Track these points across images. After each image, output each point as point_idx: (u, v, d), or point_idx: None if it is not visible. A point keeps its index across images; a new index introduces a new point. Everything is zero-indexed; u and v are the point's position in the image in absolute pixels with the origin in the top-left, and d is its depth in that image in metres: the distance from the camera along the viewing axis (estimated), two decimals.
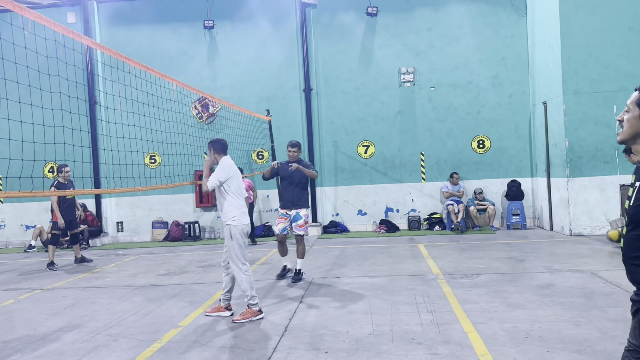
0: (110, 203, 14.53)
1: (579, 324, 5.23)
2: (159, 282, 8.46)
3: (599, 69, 11.26)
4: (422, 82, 13.89)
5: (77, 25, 14.20)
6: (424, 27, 13.85)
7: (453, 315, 5.76)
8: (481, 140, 13.77)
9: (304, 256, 8.08)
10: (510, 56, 13.63)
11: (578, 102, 11.31)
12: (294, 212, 7.93)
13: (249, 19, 14.21)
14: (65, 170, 10.20)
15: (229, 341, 5.25)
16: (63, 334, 5.80)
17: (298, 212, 7.91)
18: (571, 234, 11.35)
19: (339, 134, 14.11)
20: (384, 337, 5.13)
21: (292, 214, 7.94)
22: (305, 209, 8.00)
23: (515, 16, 13.57)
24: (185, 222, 14.11)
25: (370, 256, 9.95)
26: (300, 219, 7.89)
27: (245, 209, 6.25)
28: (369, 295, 6.83)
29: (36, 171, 12.25)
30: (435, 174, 13.92)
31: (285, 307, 6.47)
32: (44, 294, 8.02)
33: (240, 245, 6.03)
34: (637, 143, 2.45)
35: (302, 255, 8.04)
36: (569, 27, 11.28)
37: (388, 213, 14.05)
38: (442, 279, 7.58)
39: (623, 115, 2.47)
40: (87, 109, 13.85)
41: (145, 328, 5.85)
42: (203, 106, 14.28)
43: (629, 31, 11.18)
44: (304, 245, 8.05)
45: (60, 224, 10.24)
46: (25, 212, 14.64)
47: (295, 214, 7.91)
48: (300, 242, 8.00)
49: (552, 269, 7.96)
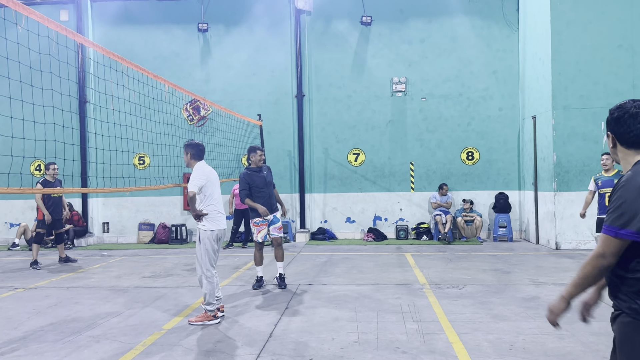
0: (97, 203, 14.40)
1: (563, 337, 5.26)
2: (144, 284, 8.39)
3: (588, 85, 11.40)
4: (413, 92, 13.97)
5: (70, 23, 14.12)
6: (417, 38, 13.95)
7: (438, 325, 5.76)
8: (470, 152, 13.86)
9: (283, 259, 7.97)
10: (501, 70, 13.77)
11: (567, 117, 11.43)
12: (271, 217, 7.78)
13: (244, 23, 14.22)
14: (53, 168, 10.09)
15: (212, 346, 5.21)
16: (45, 333, 5.72)
17: (275, 215, 7.83)
18: (557, 247, 11.43)
19: (330, 141, 14.13)
20: (369, 345, 5.13)
21: (269, 219, 7.80)
22: (279, 212, 7.97)
23: (508, 30, 13.72)
24: (172, 225, 14.02)
25: (357, 264, 9.94)
26: (277, 222, 7.83)
27: (221, 214, 6.18)
28: (355, 303, 6.82)
29: (24, 168, 12.13)
30: (424, 183, 13.98)
31: (270, 313, 6.45)
32: (26, 293, 7.92)
33: (208, 251, 5.98)
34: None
35: (282, 259, 7.93)
36: (560, 43, 11.43)
37: (376, 221, 14.08)
38: (429, 289, 7.59)
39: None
40: (77, 107, 13.77)
41: (128, 330, 5.79)
42: (194, 109, 14.23)
43: (619, 49, 11.35)
44: (282, 248, 7.94)
45: (47, 219, 10.11)
46: (10, 210, 14.47)
47: (273, 217, 7.80)
48: (279, 246, 7.88)
49: (538, 282, 8.01)
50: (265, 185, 7.76)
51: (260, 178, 7.74)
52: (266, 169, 7.92)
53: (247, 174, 7.77)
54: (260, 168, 7.83)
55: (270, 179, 7.89)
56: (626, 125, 2.42)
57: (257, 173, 7.77)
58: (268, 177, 7.84)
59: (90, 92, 13.85)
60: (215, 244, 6.04)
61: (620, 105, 2.50)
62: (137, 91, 8.85)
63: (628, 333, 2.30)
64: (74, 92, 13.62)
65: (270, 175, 7.95)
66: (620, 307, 2.33)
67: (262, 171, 7.81)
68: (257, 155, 7.77)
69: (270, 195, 7.80)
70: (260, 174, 7.78)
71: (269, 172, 7.95)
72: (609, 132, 2.51)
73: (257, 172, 7.79)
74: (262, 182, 7.74)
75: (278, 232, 7.85)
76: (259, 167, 7.82)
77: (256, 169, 7.81)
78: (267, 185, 7.79)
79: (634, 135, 2.41)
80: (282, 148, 14.10)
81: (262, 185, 7.73)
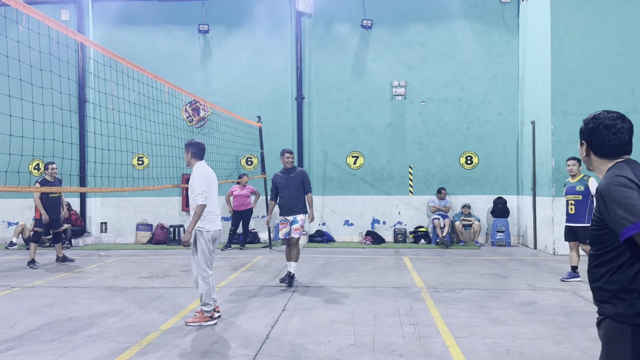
0: (96, 203, 14.39)
1: (560, 342, 5.26)
2: (141, 284, 8.38)
3: (587, 91, 11.43)
4: (413, 96, 13.99)
5: (70, 22, 14.13)
6: (417, 42, 13.98)
7: (435, 328, 5.76)
8: (469, 156, 13.88)
9: (297, 259, 8.29)
10: (500, 74, 13.80)
11: (566, 122, 11.46)
12: (291, 218, 8.18)
13: (244, 25, 14.23)
14: (52, 168, 10.07)
15: (209, 347, 5.21)
16: (41, 333, 5.71)
17: (295, 217, 8.18)
18: (554, 253, 11.44)
19: (329, 143, 14.14)
20: (365, 347, 5.12)
21: (290, 219, 8.19)
22: (302, 214, 8.26)
23: (508, 35, 13.75)
24: (170, 226, 14.01)
25: (355, 267, 9.94)
26: (297, 223, 8.17)
27: (217, 215, 6.19)
28: (352, 306, 6.82)
29: (22, 166, 12.12)
30: (422, 187, 13.98)
31: (267, 314, 6.44)
32: (23, 291, 7.91)
33: (204, 251, 5.99)
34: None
35: (296, 259, 8.25)
36: (560, 49, 11.46)
37: (374, 224, 14.08)
38: (426, 293, 7.59)
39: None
40: (77, 106, 13.77)
41: (125, 330, 5.78)
42: (194, 110, 14.24)
43: (618, 55, 11.38)
44: (298, 248, 8.33)
45: (44, 219, 10.06)
46: (9, 209, 14.44)
47: (293, 218, 8.18)
48: (295, 245, 8.22)
49: (535, 287, 8.01)
50: (287, 187, 8.18)
51: (284, 179, 8.22)
52: (296, 172, 8.29)
53: (275, 175, 8.42)
54: (289, 170, 8.28)
55: (295, 182, 8.21)
56: (600, 137, 2.47)
57: (284, 174, 8.28)
58: (293, 180, 8.20)
59: (90, 91, 13.85)
60: (211, 245, 6.04)
61: (594, 115, 2.54)
62: (137, 91, 8.85)
63: (613, 337, 2.31)
64: (73, 92, 13.62)
65: (299, 179, 8.24)
66: (605, 312, 2.34)
67: (290, 173, 8.25)
68: (284, 157, 8.32)
69: (291, 197, 8.18)
70: (286, 176, 8.24)
71: (299, 175, 8.27)
72: (584, 141, 2.55)
73: (285, 173, 8.28)
74: (284, 183, 8.19)
75: (294, 233, 8.16)
76: (288, 168, 8.29)
77: (285, 171, 8.30)
78: (290, 187, 8.18)
79: (607, 146, 2.46)
80: (281, 150, 14.05)
81: (284, 187, 8.19)
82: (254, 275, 9.04)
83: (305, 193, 8.29)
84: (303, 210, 8.26)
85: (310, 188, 8.39)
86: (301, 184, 8.23)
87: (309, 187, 8.32)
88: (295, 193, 8.18)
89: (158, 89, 9.19)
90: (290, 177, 8.21)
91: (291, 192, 8.16)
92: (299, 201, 8.21)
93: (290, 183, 8.17)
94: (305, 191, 8.28)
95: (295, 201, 8.18)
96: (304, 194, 8.28)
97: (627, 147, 2.47)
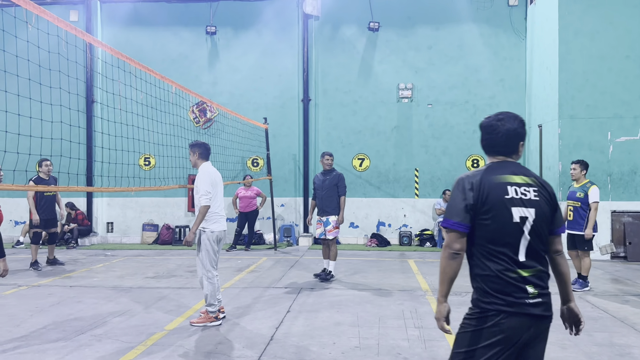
0: (102, 203, 14.45)
1: (565, 347, 5.23)
2: (147, 284, 8.41)
3: (595, 95, 11.38)
4: (419, 98, 13.97)
5: (79, 23, 14.22)
6: (425, 44, 13.96)
7: (440, 332, 5.72)
8: (476, 160, 13.84)
9: (335, 258, 8.73)
10: (508, 78, 13.76)
11: (573, 126, 11.41)
12: (324, 219, 8.59)
13: (251, 27, 14.27)
14: (46, 164, 9.63)
15: (213, 347, 5.21)
16: (47, 331, 5.74)
17: (328, 218, 8.56)
18: None
19: (335, 145, 14.14)
20: (370, 350, 5.11)
21: (324, 220, 8.61)
22: (334, 215, 8.54)
23: (515, 39, 13.72)
24: (176, 226, 14.05)
25: (360, 269, 9.93)
26: (329, 225, 8.55)
27: (222, 216, 6.19)
28: (357, 308, 6.81)
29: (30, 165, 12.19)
30: (428, 190, 13.95)
31: (272, 316, 6.44)
32: (29, 290, 7.95)
33: (208, 252, 6.00)
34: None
35: (334, 258, 8.69)
36: (568, 53, 11.41)
37: (380, 227, 14.06)
38: (431, 296, 7.57)
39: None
40: (85, 106, 13.84)
41: (130, 330, 5.80)
42: (201, 111, 14.28)
43: (626, 59, 11.33)
44: (335, 248, 8.69)
45: (34, 221, 9.60)
46: (16, 208, 14.52)
47: (326, 219, 8.57)
48: (330, 246, 8.64)
49: None
50: (320, 188, 8.61)
51: (320, 180, 8.66)
52: (332, 174, 8.61)
53: (315, 176, 8.92)
54: (327, 171, 8.65)
55: (330, 184, 8.55)
56: (481, 135, 2.78)
57: (322, 176, 8.71)
58: (328, 182, 8.56)
59: (98, 91, 13.92)
60: (215, 245, 6.05)
61: (488, 116, 2.80)
62: (145, 92, 8.89)
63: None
64: (81, 92, 13.69)
65: (335, 181, 8.59)
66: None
67: (328, 175, 8.61)
68: (323, 159, 8.73)
69: (324, 198, 8.55)
70: (322, 177, 8.67)
71: (335, 177, 8.61)
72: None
73: (323, 174, 8.70)
74: (320, 184, 8.64)
75: (329, 234, 8.56)
76: (327, 170, 8.65)
77: (324, 172, 8.72)
78: (324, 188, 8.56)
79: (484, 145, 2.77)
80: (287, 152, 14.12)
81: (318, 188, 8.67)
82: (259, 277, 9.04)
83: (339, 196, 8.59)
84: (335, 211, 8.56)
85: (345, 191, 8.67)
86: (335, 186, 8.55)
87: (343, 190, 8.61)
88: (329, 194, 8.53)
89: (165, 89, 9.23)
90: (326, 178, 8.61)
91: (324, 192, 8.54)
92: (330, 202, 8.54)
93: (325, 184, 8.55)
94: (339, 194, 8.58)
95: (327, 202, 8.53)
96: (337, 196, 8.56)
97: (501, 149, 2.70)
